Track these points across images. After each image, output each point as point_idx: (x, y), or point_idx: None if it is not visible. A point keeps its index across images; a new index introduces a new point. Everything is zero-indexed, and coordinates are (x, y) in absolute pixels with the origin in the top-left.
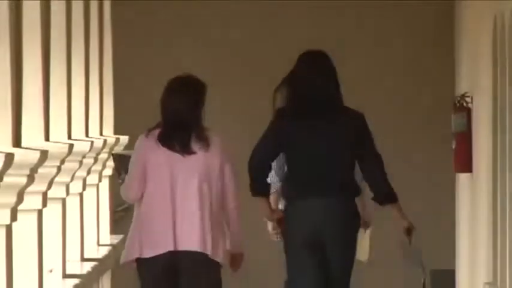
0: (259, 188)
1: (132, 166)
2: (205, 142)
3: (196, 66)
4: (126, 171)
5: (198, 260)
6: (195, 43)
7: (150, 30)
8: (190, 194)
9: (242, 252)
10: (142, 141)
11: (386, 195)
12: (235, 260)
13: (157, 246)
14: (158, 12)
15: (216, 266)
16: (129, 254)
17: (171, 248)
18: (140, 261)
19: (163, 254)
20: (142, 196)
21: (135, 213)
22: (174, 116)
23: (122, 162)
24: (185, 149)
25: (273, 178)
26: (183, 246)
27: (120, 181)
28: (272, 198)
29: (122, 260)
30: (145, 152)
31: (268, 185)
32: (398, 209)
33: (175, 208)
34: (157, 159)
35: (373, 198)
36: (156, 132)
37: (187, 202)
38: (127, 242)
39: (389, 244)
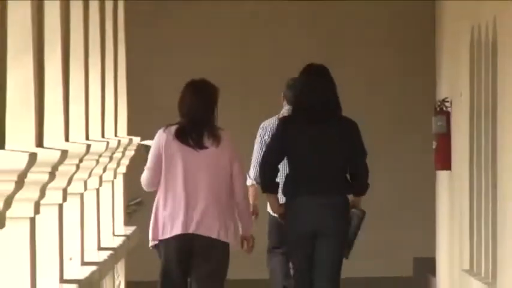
0: (270, 187)
1: (150, 158)
2: (216, 139)
3: (205, 70)
4: None
5: (207, 241)
6: (204, 48)
7: (160, 36)
8: (201, 184)
9: (252, 236)
10: (160, 135)
11: (362, 191)
12: (248, 243)
13: (172, 229)
14: (170, 18)
15: (224, 246)
16: (153, 238)
17: (184, 231)
18: (160, 243)
19: (178, 235)
20: (158, 183)
21: (157, 201)
22: (190, 114)
23: (148, 151)
24: (198, 144)
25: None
26: (194, 230)
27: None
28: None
29: (150, 244)
30: (162, 145)
31: (277, 184)
32: (360, 199)
33: (188, 196)
34: (172, 152)
35: (351, 191)
36: (173, 128)
37: (198, 191)
38: (150, 228)
39: None
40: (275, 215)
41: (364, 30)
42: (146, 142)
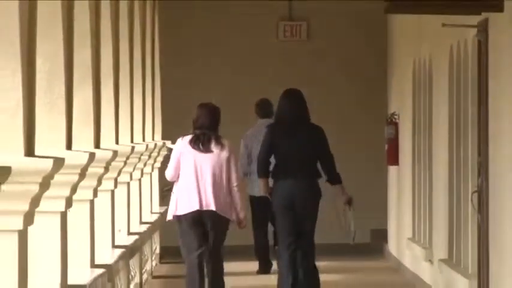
0: (264, 174)
1: (171, 158)
2: (219, 145)
3: (221, 88)
4: None
5: (210, 213)
6: (224, 67)
7: (189, 56)
8: (207, 176)
9: (244, 215)
10: (179, 143)
11: (334, 179)
12: (240, 221)
13: (186, 207)
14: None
15: (225, 219)
16: (170, 214)
17: (197, 208)
18: (177, 217)
19: (191, 211)
20: (178, 177)
21: (174, 188)
22: (200, 128)
23: (171, 151)
24: (205, 149)
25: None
26: (203, 207)
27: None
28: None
29: (167, 218)
30: (180, 150)
31: (269, 172)
32: (342, 187)
33: (198, 184)
34: (187, 154)
35: (327, 181)
36: (188, 137)
37: (205, 181)
38: (169, 207)
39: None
40: (263, 194)
41: (332, 62)
42: (169, 145)
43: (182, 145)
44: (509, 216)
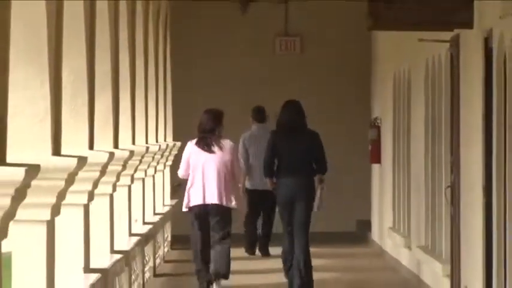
0: (269, 174)
1: (182, 159)
2: (220, 146)
3: (227, 98)
4: None
5: (215, 206)
6: (229, 76)
7: (197, 67)
8: (212, 173)
9: (243, 206)
10: (188, 145)
11: (323, 172)
12: (240, 209)
13: (196, 200)
14: (203, 52)
15: (228, 209)
16: (184, 205)
17: (201, 202)
18: (189, 208)
19: (199, 204)
20: (188, 175)
21: (187, 184)
22: (203, 132)
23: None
24: (209, 150)
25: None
26: (208, 201)
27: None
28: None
29: (183, 209)
30: (189, 151)
31: (274, 172)
32: (322, 178)
33: (204, 181)
34: (195, 155)
35: (315, 174)
36: (195, 140)
37: (210, 177)
38: (184, 199)
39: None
40: (258, 188)
41: (323, 72)
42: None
43: (190, 147)
44: (477, 208)
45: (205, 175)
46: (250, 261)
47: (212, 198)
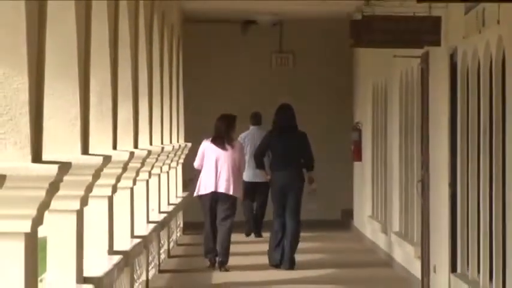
0: (260, 165)
1: (198, 153)
2: (231, 145)
3: (233, 103)
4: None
5: (224, 194)
6: (234, 86)
7: (207, 78)
8: (223, 167)
9: (241, 194)
10: (204, 142)
11: (309, 169)
12: (240, 197)
13: (207, 188)
14: (212, 65)
15: (234, 197)
16: (196, 192)
17: (213, 190)
18: (200, 195)
19: (210, 192)
20: (202, 165)
21: (201, 174)
22: (218, 132)
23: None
24: (222, 147)
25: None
26: (219, 189)
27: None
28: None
29: (194, 195)
30: (204, 147)
31: (264, 164)
32: (310, 174)
33: (216, 172)
34: (210, 150)
35: (305, 168)
36: (209, 139)
37: (221, 170)
38: (196, 187)
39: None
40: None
41: (312, 84)
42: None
43: (206, 144)
44: (444, 200)
45: (217, 168)
46: (247, 244)
47: (222, 188)
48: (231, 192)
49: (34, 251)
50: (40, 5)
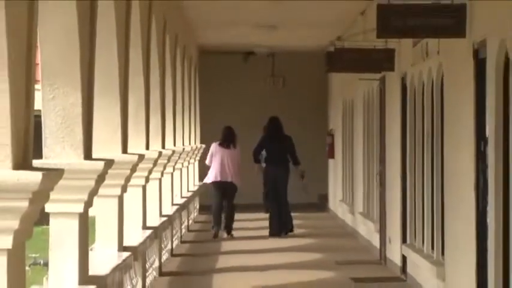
0: (256, 161)
1: (209, 153)
2: (233, 147)
3: (238, 115)
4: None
5: (229, 183)
6: (237, 101)
7: (216, 95)
8: (227, 163)
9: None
10: (213, 144)
11: (295, 163)
12: (238, 185)
13: (216, 177)
14: (220, 84)
15: (234, 186)
16: (208, 179)
17: (219, 179)
18: (211, 183)
19: (219, 180)
20: (211, 161)
21: (211, 167)
22: (225, 137)
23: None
24: (227, 148)
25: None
26: (225, 179)
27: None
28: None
29: (208, 182)
30: (214, 148)
31: (260, 159)
32: (299, 167)
33: (224, 167)
34: (218, 151)
35: (293, 163)
36: (218, 142)
37: (226, 165)
38: (209, 177)
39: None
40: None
41: (297, 100)
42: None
43: (214, 146)
44: (396, 188)
45: (223, 163)
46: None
47: (227, 178)
48: (233, 180)
49: (86, 227)
50: (91, 39)
